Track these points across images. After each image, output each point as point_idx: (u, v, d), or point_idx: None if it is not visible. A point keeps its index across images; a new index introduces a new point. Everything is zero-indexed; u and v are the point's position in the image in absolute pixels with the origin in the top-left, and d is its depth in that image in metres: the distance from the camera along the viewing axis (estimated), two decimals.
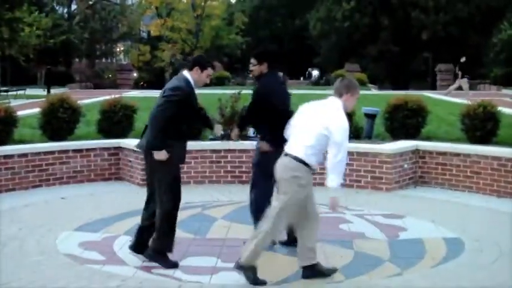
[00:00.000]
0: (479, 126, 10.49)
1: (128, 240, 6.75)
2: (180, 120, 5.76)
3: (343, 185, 5.30)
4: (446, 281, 5.51)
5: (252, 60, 6.58)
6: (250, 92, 6.77)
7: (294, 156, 5.30)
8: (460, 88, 27.70)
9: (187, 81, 5.85)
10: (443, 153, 9.62)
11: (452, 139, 10.89)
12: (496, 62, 42.78)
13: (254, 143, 10.16)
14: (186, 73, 5.91)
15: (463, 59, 28.23)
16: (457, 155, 9.50)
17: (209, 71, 5.97)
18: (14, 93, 27.90)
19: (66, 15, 46.29)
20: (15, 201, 8.63)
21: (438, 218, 7.66)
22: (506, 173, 8.96)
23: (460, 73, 27.79)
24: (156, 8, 48.10)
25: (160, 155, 5.67)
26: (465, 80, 27.64)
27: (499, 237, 6.83)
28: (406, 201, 8.78)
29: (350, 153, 9.68)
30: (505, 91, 34.29)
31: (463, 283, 5.45)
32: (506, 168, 8.96)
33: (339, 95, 5.51)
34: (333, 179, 5.19)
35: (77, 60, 48.76)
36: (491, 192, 9.07)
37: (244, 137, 10.20)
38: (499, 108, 11.03)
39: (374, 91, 34.88)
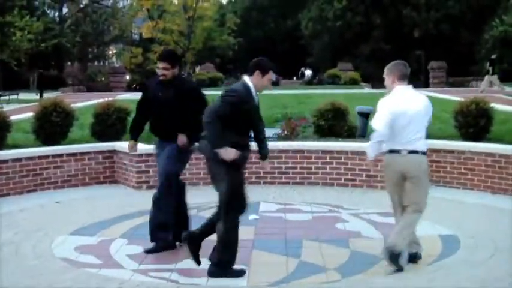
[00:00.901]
0: (473, 123, 10.54)
1: (124, 243, 6.74)
2: (230, 126, 5.43)
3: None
4: (443, 278, 5.52)
5: (165, 65, 6.33)
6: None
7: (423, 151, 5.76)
8: (491, 84, 28.57)
9: (247, 87, 5.56)
10: (437, 151, 9.63)
11: (445, 136, 10.91)
12: (488, 58, 42.93)
13: None
14: (246, 79, 5.61)
15: (494, 56, 29.15)
16: (451, 152, 9.52)
17: (270, 74, 5.65)
18: (7, 97, 27.87)
19: (57, 19, 46.20)
20: (11, 206, 8.59)
21: (433, 215, 7.64)
22: (500, 169, 8.98)
23: (490, 69, 28.74)
24: (148, 10, 48.00)
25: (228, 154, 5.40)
26: (495, 76, 28.57)
27: (495, 233, 6.85)
28: None
29: (344, 152, 9.75)
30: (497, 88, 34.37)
31: (460, 280, 5.46)
32: (500, 165, 8.98)
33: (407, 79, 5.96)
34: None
35: (69, 63, 48.63)
36: (485, 188, 9.10)
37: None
38: (492, 104, 11.07)
39: (367, 90, 34.93)
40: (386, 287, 5.36)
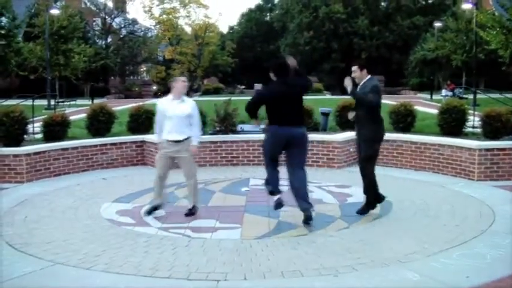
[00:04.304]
0: (402, 120, 10.56)
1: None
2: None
3: None
4: (381, 229, 5.55)
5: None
6: (240, 98, 6.70)
7: None
8: None
9: None
10: None
11: None
12: (412, 74, 43.42)
13: (240, 136, 10.15)
14: None
15: None
16: (387, 141, 9.50)
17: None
18: (68, 103, 27.68)
19: (104, 46, 45.62)
20: (70, 181, 8.54)
21: None
22: (421, 153, 9.02)
23: None
24: (169, 38, 47.61)
25: None
26: None
27: (415, 197, 6.89)
28: (352, 175, 8.73)
29: (311, 141, 9.66)
30: (419, 95, 34.55)
31: (391, 230, 5.50)
32: (421, 150, 9.03)
33: None
34: None
35: (112, 78, 48.11)
36: (410, 167, 9.13)
37: (234, 131, 10.18)
38: (415, 107, 11.10)
39: (328, 96, 34.89)
40: (340, 238, 5.36)
